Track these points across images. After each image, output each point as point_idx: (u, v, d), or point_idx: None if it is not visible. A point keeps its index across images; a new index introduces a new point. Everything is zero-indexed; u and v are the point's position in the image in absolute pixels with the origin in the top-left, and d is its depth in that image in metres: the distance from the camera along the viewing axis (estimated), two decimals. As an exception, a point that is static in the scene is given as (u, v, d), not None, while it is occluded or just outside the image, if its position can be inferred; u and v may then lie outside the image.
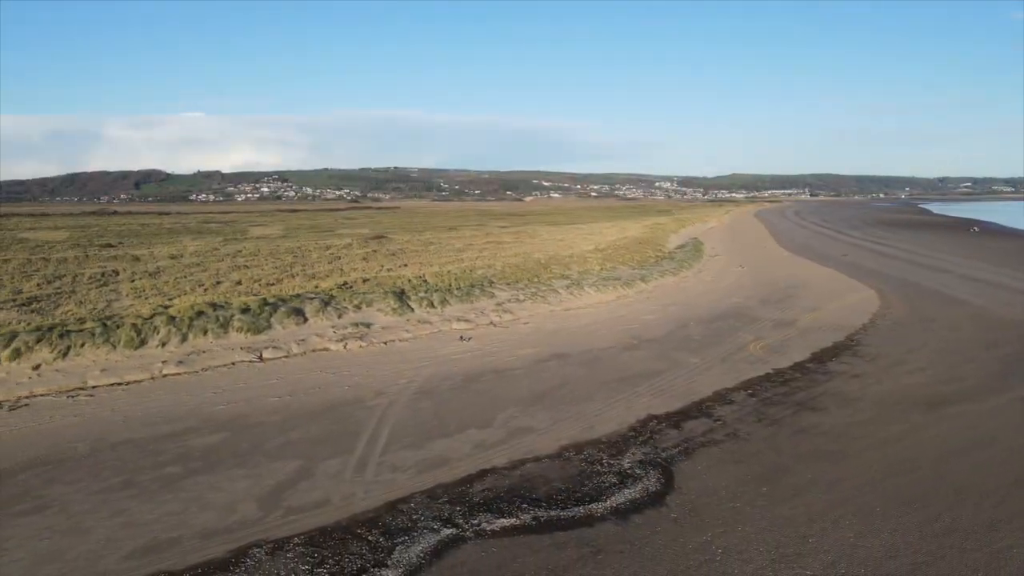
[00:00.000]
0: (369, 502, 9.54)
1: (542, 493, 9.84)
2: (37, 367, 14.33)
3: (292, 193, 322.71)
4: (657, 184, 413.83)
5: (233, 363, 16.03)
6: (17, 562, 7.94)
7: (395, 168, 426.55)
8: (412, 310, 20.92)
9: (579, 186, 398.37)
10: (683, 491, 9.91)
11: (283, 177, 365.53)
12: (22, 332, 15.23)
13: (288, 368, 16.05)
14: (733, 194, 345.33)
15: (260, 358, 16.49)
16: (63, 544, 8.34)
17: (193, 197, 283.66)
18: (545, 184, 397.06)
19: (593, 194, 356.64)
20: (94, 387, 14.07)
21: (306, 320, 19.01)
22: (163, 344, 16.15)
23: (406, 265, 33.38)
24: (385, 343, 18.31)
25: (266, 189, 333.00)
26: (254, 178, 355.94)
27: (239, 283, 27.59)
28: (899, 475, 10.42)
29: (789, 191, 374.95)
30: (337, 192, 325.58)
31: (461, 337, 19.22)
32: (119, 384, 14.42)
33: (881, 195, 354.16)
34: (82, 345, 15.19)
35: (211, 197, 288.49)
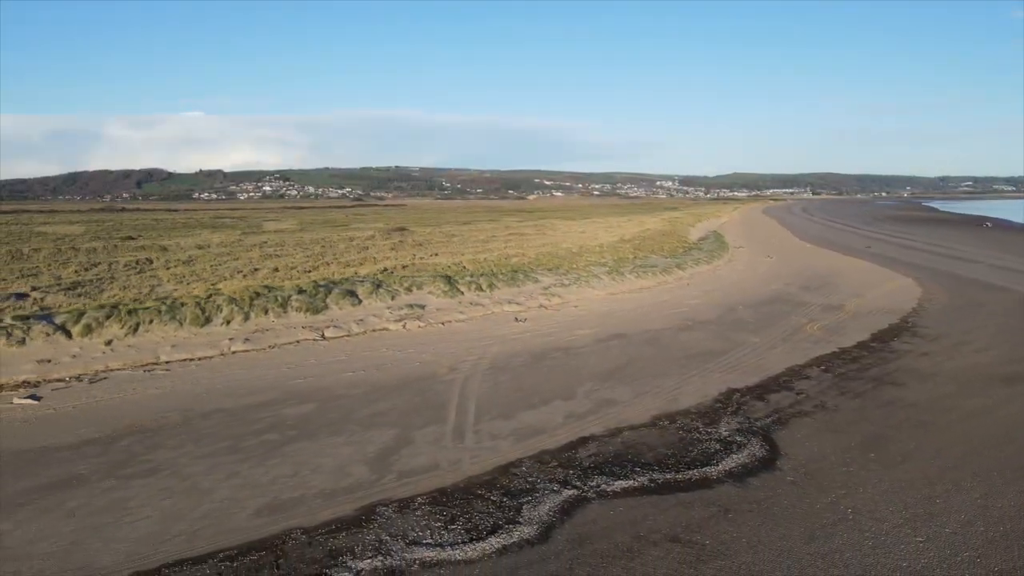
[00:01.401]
0: (479, 467, 9.47)
1: (650, 458, 9.78)
2: (109, 342, 14.25)
3: (294, 192, 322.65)
4: (658, 183, 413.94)
5: (298, 341, 15.97)
6: (147, 519, 7.87)
7: (396, 167, 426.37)
8: (462, 293, 20.87)
9: (580, 185, 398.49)
10: (791, 457, 9.85)
11: (285, 176, 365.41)
12: (90, 309, 15.16)
13: (352, 346, 15.99)
14: (735, 193, 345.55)
15: (323, 336, 16.42)
16: (187, 503, 8.28)
17: (196, 196, 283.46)
18: (547, 183, 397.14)
19: (595, 193, 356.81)
20: (167, 362, 14.01)
21: (360, 302, 18.94)
22: (227, 322, 16.08)
23: (437, 254, 33.32)
24: (442, 324, 18.25)
25: (268, 188, 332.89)
26: (256, 177, 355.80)
27: (276, 270, 27.52)
28: (1000, 444, 10.34)
29: (791, 190, 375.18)
30: (339, 191, 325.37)
31: (516, 318, 19.17)
32: (191, 360, 14.35)
33: (883, 194, 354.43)
34: (150, 322, 15.12)
35: (213, 196, 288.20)
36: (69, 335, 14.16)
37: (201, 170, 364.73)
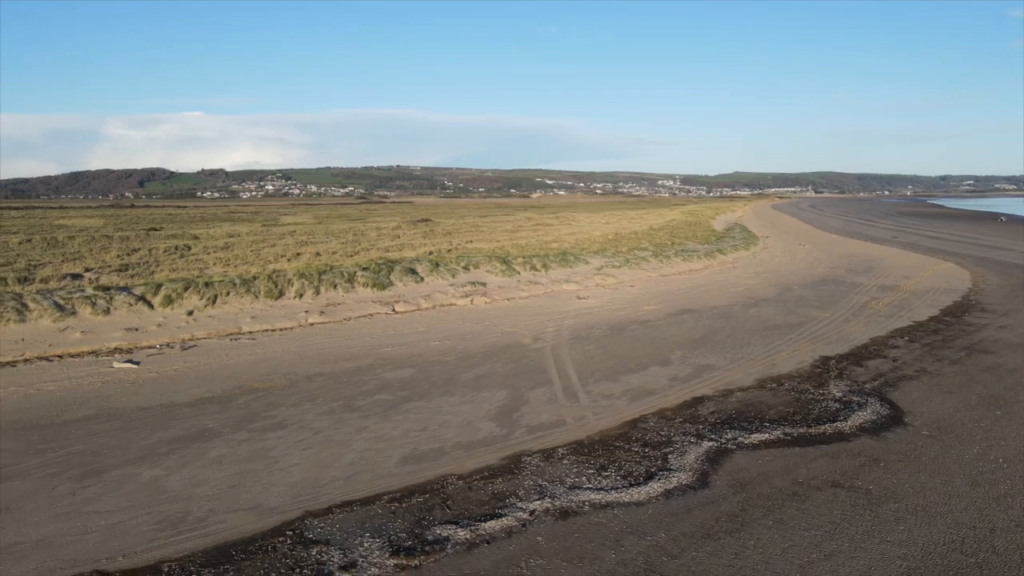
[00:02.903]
0: (605, 423, 9.37)
1: (774, 415, 9.68)
2: (191, 312, 14.13)
3: (297, 191, 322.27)
4: (660, 182, 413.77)
5: (371, 315, 15.86)
6: (296, 467, 7.77)
7: (398, 166, 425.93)
8: (518, 272, 20.77)
9: (583, 184, 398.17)
10: (917, 415, 9.75)
11: (287, 175, 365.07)
12: (166, 282, 15.04)
13: (427, 319, 15.88)
14: (738, 191, 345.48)
15: (394, 310, 16.31)
16: (329, 453, 8.17)
17: (199, 194, 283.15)
18: (548, 182, 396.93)
19: (598, 191, 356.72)
20: (250, 332, 13.89)
21: (422, 279, 18.84)
22: (299, 296, 15.97)
23: (471, 242, 33.19)
24: (507, 300, 18.15)
25: (271, 187, 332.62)
26: (258, 176, 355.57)
27: (318, 255, 27.39)
28: (1117, 403, 10.25)
29: (794, 189, 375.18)
30: (342, 190, 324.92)
31: (578, 296, 19.06)
32: (272, 330, 14.24)
33: (886, 192, 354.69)
34: (227, 294, 15.00)
35: (216, 194, 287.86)
36: (151, 306, 14.04)
37: (203, 169, 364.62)
